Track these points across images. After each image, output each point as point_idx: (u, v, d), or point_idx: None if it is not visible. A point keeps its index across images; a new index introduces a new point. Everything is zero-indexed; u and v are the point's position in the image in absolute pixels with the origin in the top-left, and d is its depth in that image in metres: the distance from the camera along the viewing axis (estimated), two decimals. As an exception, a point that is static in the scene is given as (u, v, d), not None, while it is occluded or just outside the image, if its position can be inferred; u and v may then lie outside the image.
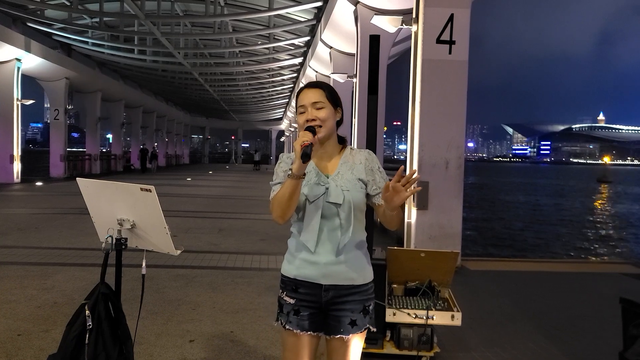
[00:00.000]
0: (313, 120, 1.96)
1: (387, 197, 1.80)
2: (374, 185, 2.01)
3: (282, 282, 2.04)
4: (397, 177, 1.75)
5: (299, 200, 1.91)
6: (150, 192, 2.11)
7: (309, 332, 1.98)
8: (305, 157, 1.80)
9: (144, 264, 2.33)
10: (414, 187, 1.78)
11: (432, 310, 3.56)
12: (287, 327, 1.99)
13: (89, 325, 2.15)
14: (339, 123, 2.06)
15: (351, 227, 1.95)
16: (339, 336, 1.98)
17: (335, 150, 2.05)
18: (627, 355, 3.15)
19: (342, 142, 2.09)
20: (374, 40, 3.88)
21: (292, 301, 1.99)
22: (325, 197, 1.94)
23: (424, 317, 3.52)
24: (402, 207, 1.97)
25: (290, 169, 1.84)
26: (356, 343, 2.02)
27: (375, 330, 2.08)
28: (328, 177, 1.98)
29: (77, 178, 2.31)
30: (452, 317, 3.56)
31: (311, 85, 2.05)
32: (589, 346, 4.19)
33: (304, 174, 1.86)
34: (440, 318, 3.55)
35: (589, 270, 7.37)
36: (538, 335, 4.35)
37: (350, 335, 1.98)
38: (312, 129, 1.91)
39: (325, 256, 1.95)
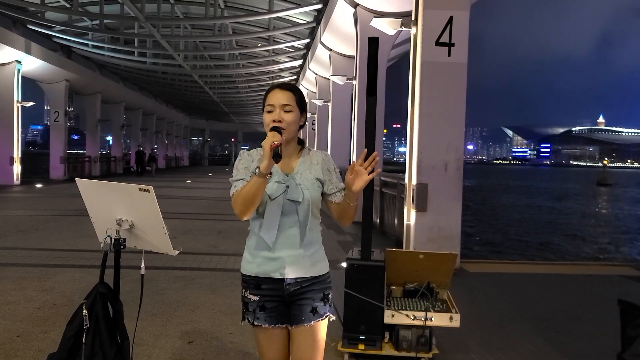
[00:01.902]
0: (279, 122, 2.02)
1: (350, 180, 1.93)
2: (330, 185, 2.10)
3: (244, 281, 2.13)
4: (360, 159, 1.91)
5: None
6: (149, 192, 2.13)
7: (277, 325, 2.07)
8: (277, 157, 1.87)
9: (142, 265, 2.33)
10: (376, 170, 1.93)
11: (430, 311, 3.57)
12: (256, 323, 2.07)
13: (86, 325, 2.16)
14: (301, 127, 2.14)
15: (309, 224, 2.04)
16: (301, 325, 2.05)
17: (295, 151, 2.13)
18: (625, 357, 3.16)
19: (301, 143, 2.17)
20: (373, 43, 3.89)
21: (256, 298, 2.07)
22: (285, 195, 2.01)
23: (423, 319, 3.52)
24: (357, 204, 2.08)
25: (258, 167, 1.90)
26: (319, 331, 2.09)
27: (334, 318, 2.18)
28: (288, 176, 2.04)
29: (76, 179, 2.32)
30: (451, 318, 3.57)
31: (283, 87, 2.10)
32: (587, 348, 4.19)
33: (270, 173, 1.94)
34: (438, 319, 3.56)
35: (588, 272, 7.37)
36: (536, 337, 4.35)
37: (312, 322, 2.06)
38: (278, 130, 1.98)
39: (284, 251, 2.03)
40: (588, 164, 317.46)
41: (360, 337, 3.64)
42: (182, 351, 3.73)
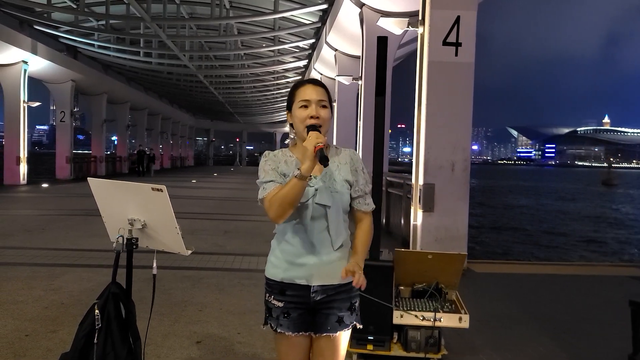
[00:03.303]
0: (317, 117, 1.95)
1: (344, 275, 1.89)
2: (356, 187, 2.01)
3: (268, 285, 2.03)
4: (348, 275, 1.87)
5: None
6: (162, 192, 2.12)
7: (300, 333, 1.99)
8: (325, 160, 1.79)
9: (154, 264, 2.32)
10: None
11: (439, 312, 3.55)
12: (279, 330, 1.98)
13: (98, 324, 2.15)
14: None
15: (338, 228, 1.96)
16: (325, 334, 1.99)
17: None
18: (637, 358, 3.14)
19: None
20: (382, 42, 3.88)
21: (280, 304, 1.98)
22: (314, 199, 1.92)
23: (432, 319, 3.51)
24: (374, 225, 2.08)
25: (299, 169, 1.82)
26: (343, 340, 2.04)
27: (361, 327, 2.09)
28: (316, 178, 1.95)
29: (88, 178, 2.32)
30: (460, 319, 3.55)
31: (315, 82, 2.03)
32: (597, 349, 4.17)
33: (311, 176, 1.86)
34: (447, 320, 3.54)
35: (597, 273, 7.33)
36: (545, 338, 4.33)
37: (338, 332, 2.00)
38: (316, 128, 1.91)
39: (312, 257, 1.94)
40: (593, 165, 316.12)
41: (369, 338, 3.62)
42: (190, 351, 3.73)
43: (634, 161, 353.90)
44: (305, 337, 2.01)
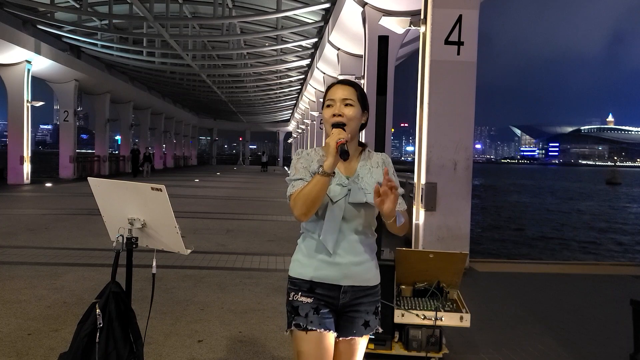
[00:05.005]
0: (340, 115, 1.94)
1: (377, 202, 1.79)
2: None
3: (294, 284, 1.97)
4: (386, 180, 1.77)
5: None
6: (161, 191, 2.13)
7: (330, 331, 1.93)
8: (345, 154, 1.81)
9: (154, 264, 2.33)
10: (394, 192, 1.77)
11: (440, 311, 3.55)
12: (310, 327, 1.90)
13: (100, 324, 2.16)
14: (362, 126, 2.05)
15: (369, 230, 1.97)
16: (351, 337, 1.98)
17: (355, 153, 2.02)
18: (638, 358, 3.14)
19: (361, 145, 2.07)
20: (383, 41, 3.88)
21: (309, 300, 1.93)
22: (347, 199, 1.91)
23: (433, 319, 3.51)
24: (410, 216, 2.00)
25: (321, 166, 1.83)
26: (362, 344, 2.04)
27: (382, 330, 2.10)
28: (348, 179, 1.95)
29: (88, 177, 2.33)
30: (461, 318, 3.55)
31: (344, 82, 2.04)
32: (599, 348, 4.16)
33: (334, 172, 1.85)
34: (449, 319, 3.55)
35: (599, 272, 7.31)
36: (547, 337, 4.32)
37: (362, 336, 2.00)
38: (342, 127, 1.91)
39: (345, 257, 1.92)
40: (597, 163, 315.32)
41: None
42: (191, 350, 3.74)
43: (638, 160, 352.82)
44: (332, 337, 1.96)
